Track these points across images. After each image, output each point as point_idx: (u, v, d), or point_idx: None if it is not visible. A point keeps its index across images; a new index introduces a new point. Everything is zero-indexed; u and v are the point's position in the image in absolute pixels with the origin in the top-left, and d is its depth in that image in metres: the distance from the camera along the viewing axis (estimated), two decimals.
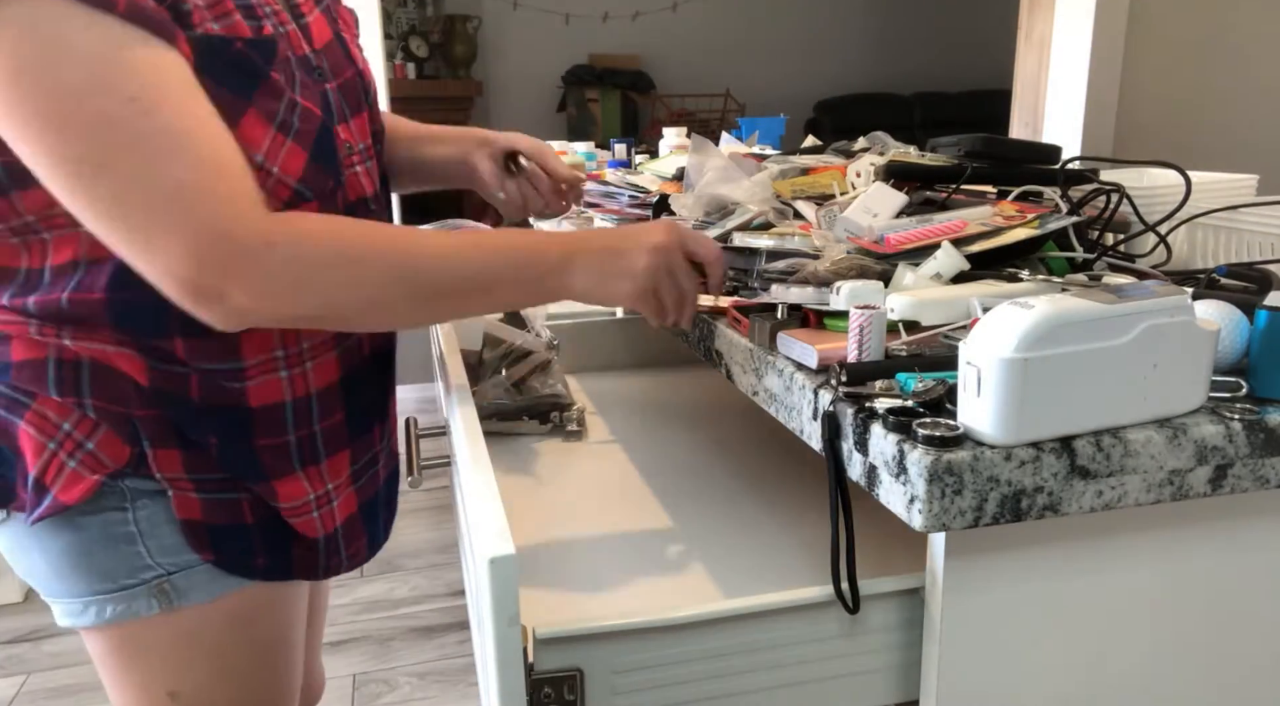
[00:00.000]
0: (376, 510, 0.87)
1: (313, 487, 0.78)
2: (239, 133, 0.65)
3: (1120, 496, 0.58)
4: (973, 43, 6.28)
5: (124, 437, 0.71)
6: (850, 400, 0.62)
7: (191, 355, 0.71)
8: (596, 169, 2.02)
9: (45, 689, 1.86)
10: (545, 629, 0.62)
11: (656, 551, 0.89)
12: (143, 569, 0.74)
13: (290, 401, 0.75)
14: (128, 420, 0.71)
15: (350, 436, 0.81)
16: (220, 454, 0.74)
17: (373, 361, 0.83)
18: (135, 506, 0.73)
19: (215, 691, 0.80)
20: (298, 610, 0.86)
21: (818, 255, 0.81)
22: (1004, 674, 0.64)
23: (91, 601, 0.75)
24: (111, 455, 0.71)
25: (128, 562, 0.73)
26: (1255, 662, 0.69)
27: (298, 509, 0.78)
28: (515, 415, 1.21)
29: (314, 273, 0.64)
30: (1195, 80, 2.63)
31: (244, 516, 0.76)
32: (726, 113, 5.71)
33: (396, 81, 4.80)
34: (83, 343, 0.70)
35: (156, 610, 0.75)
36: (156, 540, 0.73)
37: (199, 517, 0.74)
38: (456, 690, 1.81)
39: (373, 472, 0.86)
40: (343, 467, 0.81)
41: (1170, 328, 0.57)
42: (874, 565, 0.82)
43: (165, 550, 0.74)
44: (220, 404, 0.72)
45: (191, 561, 0.75)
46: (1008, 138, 0.98)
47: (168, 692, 0.78)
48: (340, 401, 0.79)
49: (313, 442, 0.78)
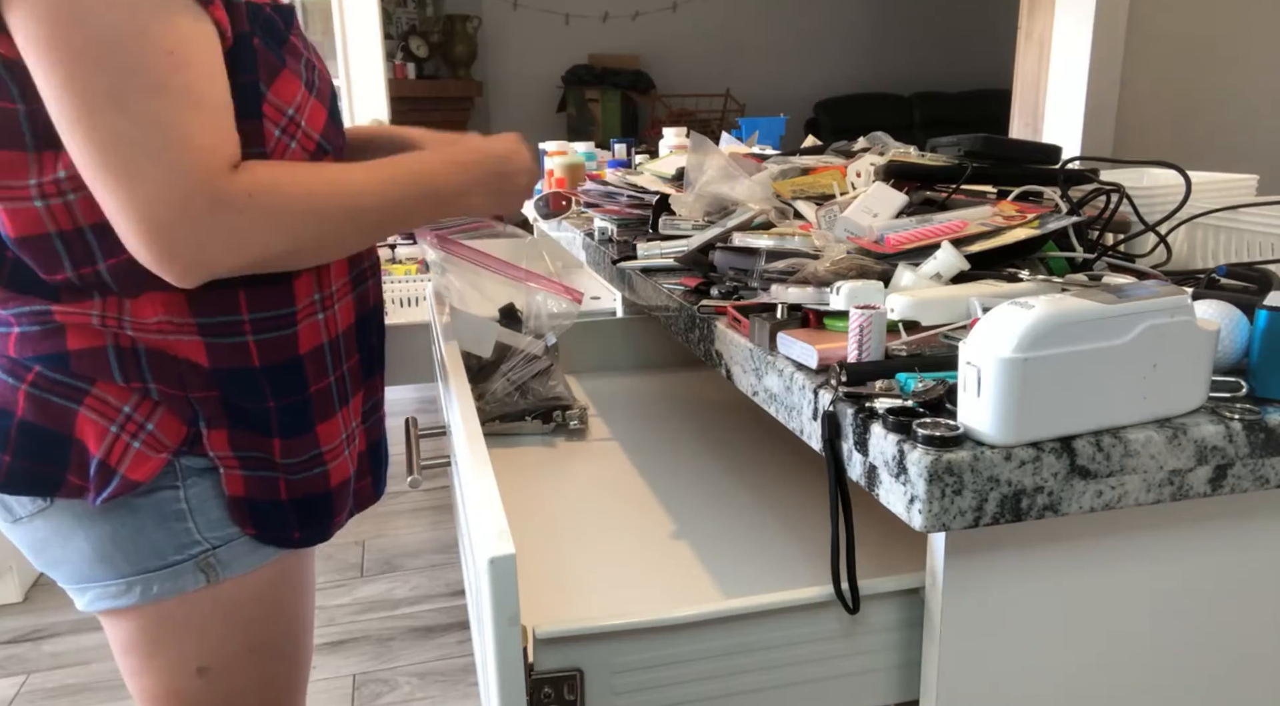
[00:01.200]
0: (382, 455, 0.93)
1: (345, 425, 0.84)
2: (277, 87, 0.72)
3: (1120, 496, 0.58)
4: (973, 43, 6.28)
5: (182, 418, 0.75)
6: (850, 400, 0.62)
7: (253, 304, 0.75)
8: (596, 169, 2.02)
9: (45, 689, 1.86)
10: (545, 629, 0.62)
11: (656, 551, 0.89)
12: (190, 544, 0.77)
13: (327, 343, 0.81)
14: (187, 401, 0.74)
15: (363, 377, 0.88)
16: (279, 415, 0.78)
17: (374, 309, 0.89)
18: (187, 484, 0.76)
19: (243, 665, 0.83)
20: (310, 581, 0.91)
21: (818, 255, 0.81)
22: (1004, 674, 0.64)
23: (136, 580, 0.77)
24: (170, 435, 0.74)
25: (176, 539, 0.76)
26: (1255, 662, 0.69)
27: (335, 449, 0.83)
28: (518, 416, 1.22)
29: (284, 220, 0.68)
30: (1195, 80, 2.63)
31: (279, 492, 0.80)
32: (726, 113, 5.72)
33: (396, 81, 4.80)
34: (140, 330, 0.72)
35: (202, 583, 0.78)
36: (204, 515, 0.77)
37: (242, 494, 0.78)
38: (456, 690, 1.81)
39: (376, 417, 0.92)
40: (358, 407, 0.88)
41: (1170, 327, 0.57)
42: (874, 565, 0.82)
43: (212, 525, 0.77)
44: (278, 361, 0.77)
45: (233, 534, 0.78)
46: (1008, 138, 0.98)
47: (198, 669, 0.81)
48: (355, 343, 0.85)
49: (343, 383, 0.84)
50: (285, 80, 0.72)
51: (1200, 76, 2.63)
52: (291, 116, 0.73)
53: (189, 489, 0.76)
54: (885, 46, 6.20)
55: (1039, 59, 2.64)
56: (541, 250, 1.23)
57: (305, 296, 0.78)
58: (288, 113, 0.73)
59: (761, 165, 1.13)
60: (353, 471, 0.87)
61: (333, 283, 0.81)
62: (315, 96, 0.76)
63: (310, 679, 1.84)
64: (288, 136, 0.73)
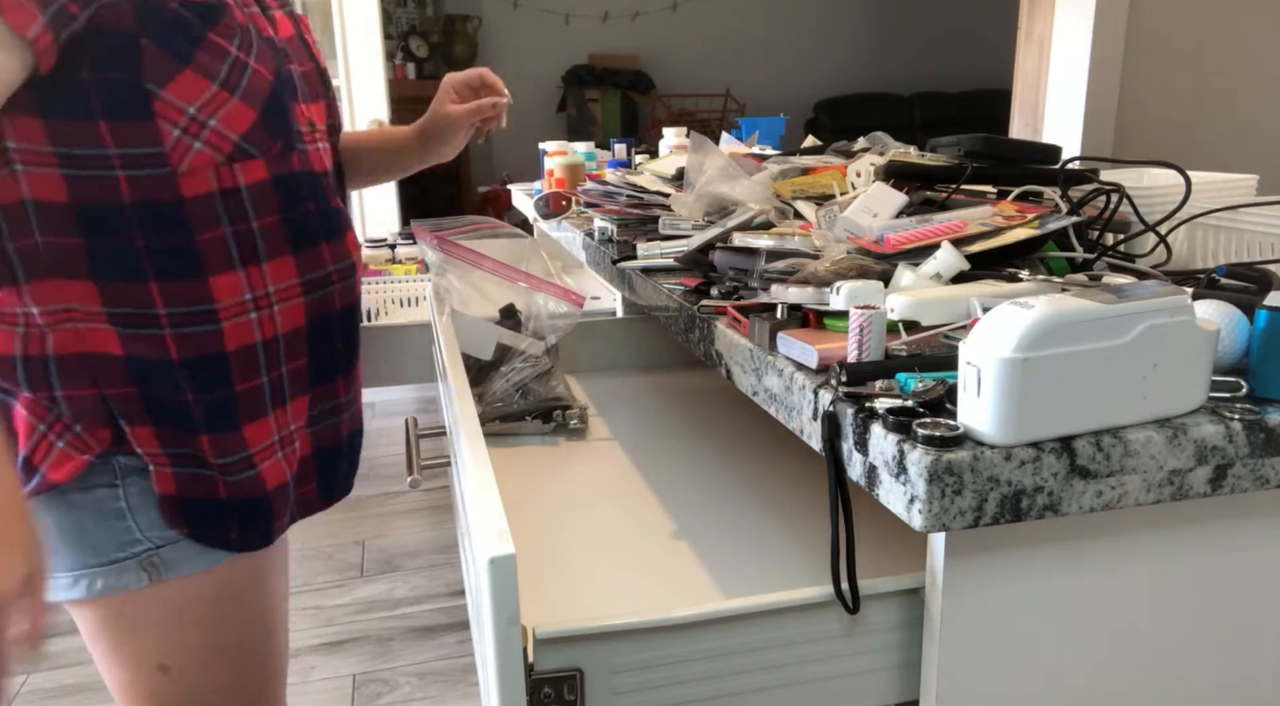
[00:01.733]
0: (337, 460, 0.92)
1: (278, 428, 0.83)
2: (174, 85, 0.70)
3: (1120, 496, 0.58)
4: (973, 43, 6.28)
5: (100, 419, 0.74)
6: (850, 400, 0.62)
7: (167, 297, 0.74)
8: (596, 169, 2.02)
9: (45, 689, 1.86)
10: (545, 629, 0.62)
11: (656, 551, 0.89)
12: (132, 543, 0.77)
13: (260, 342, 0.80)
14: (102, 400, 0.74)
15: (312, 381, 0.86)
16: (197, 408, 0.77)
17: (342, 313, 0.88)
18: (126, 483, 0.76)
19: (207, 665, 0.83)
20: (280, 583, 0.89)
21: (818, 255, 0.81)
22: (1004, 674, 0.64)
23: (82, 574, 0.77)
24: (95, 437, 0.75)
25: (117, 537, 0.77)
26: (1255, 662, 0.69)
27: (264, 451, 0.82)
28: (518, 417, 1.22)
29: None
30: (1195, 80, 2.63)
31: (217, 492, 0.79)
32: (726, 113, 5.72)
33: (396, 81, 4.80)
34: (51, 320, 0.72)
35: (145, 582, 0.78)
36: (145, 515, 0.77)
37: (174, 492, 0.77)
38: (456, 690, 1.81)
39: (334, 422, 0.90)
40: (303, 411, 0.86)
41: (1170, 328, 0.57)
42: (874, 565, 0.82)
43: (154, 524, 0.77)
44: (198, 355, 0.76)
45: (179, 534, 0.79)
46: (1008, 138, 0.98)
47: (159, 665, 0.81)
48: (304, 346, 0.84)
49: (279, 385, 0.82)
50: (187, 78, 0.71)
51: (1200, 76, 2.63)
52: (193, 116, 0.72)
53: (128, 487, 0.76)
54: (885, 46, 6.20)
55: (1039, 59, 2.64)
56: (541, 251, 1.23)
57: (230, 295, 0.77)
58: (188, 112, 0.71)
59: (761, 165, 1.13)
60: (290, 476, 0.85)
61: (269, 284, 0.80)
62: (239, 97, 0.74)
63: (310, 679, 1.84)
64: (190, 137, 0.72)
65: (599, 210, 1.35)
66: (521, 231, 1.14)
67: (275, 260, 0.79)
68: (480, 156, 5.58)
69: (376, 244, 3.04)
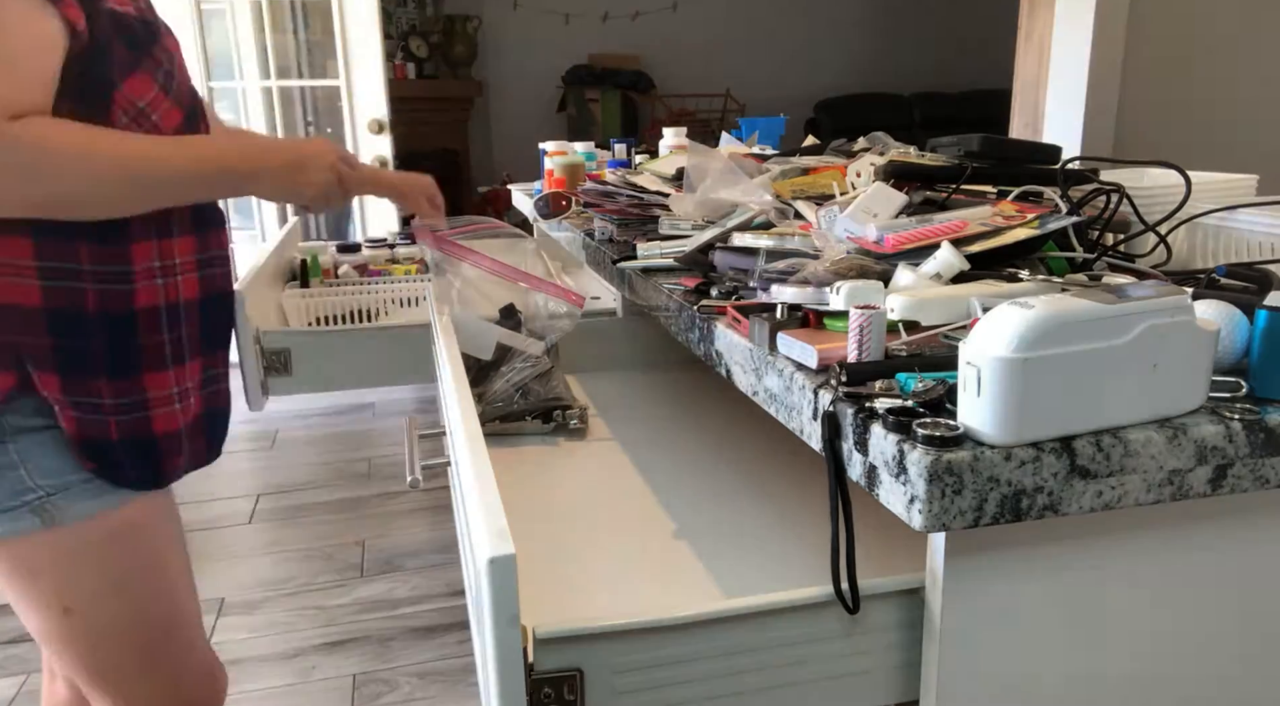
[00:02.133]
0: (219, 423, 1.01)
1: (176, 382, 0.93)
2: (130, 83, 0.83)
3: (1120, 496, 0.58)
4: (973, 43, 6.28)
5: (8, 365, 0.82)
6: (850, 400, 0.62)
7: (93, 258, 0.84)
8: (596, 169, 2.02)
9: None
10: (545, 629, 0.62)
11: (656, 551, 0.89)
12: (24, 491, 0.84)
13: (164, 305, 0.90)
14: (12, 348, 0.82)
15: (203, 349, 0.97)
16: (105, 355, 0.86)
17: (222, 297, 0.99)
18: (16, 440, 0.83)
19: (107, 605, 0.91)
20: (172, 530, 0.98)
21: (818, 255, 0.81)
22: (1004, 674, 0.64)
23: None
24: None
25: (10, 486, 0.84)
26: (1255, 661, 0.69)
27: (163, 399, 0.91)
28: (518, 417, 1.22)
29: (44, 170, 0.76)
30: (1195, 80, 2.63)
31: (110, 433, 0.87)
32: (726, 113, 5.72)
33: (396, 81, 4.80)
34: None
35: (39, 527, 0.85)
36: (35, 463, 0.84)
37: (75, 432, 0.85)
38: (456, 690, 1.81)
39: (215, 390, 1.00)
40: (196, 373, 0.96)
41: (1170, 328, 0.57)
42: (874, 565, 0.82)
43: (45, 472, 0.85)
44: (112, 310, 0.86)
45: (69, 482, 0.86)
46: (1008, 138, 0.98)
47: (63, 608, 0.89)
48: (197, 316, 0.95)
49: (179, 345, 0.92)
50: (139, 78, 0.84)
51: (1200, 77, 2.63)
52: (142, 109, 0.84)
53: (18, 442, 0.83)
54: (885, 46, 6.20)
55: (1039, 59, 2.64)
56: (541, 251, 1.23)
57: (144, 261, 0.87)
58: (139, 105, 0.84)
59: (762, 166, 1.13)
60: (182, 425, 0.94)
61: (176, 257, 0.91)
62: (171, 100, 0.87)
63: (310, 679, 1.84)
64: (135, 125, 0.84)
65: (599, 210, 1.35)
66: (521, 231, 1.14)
67: (182, 237, 0.91)
68: (480, 156, 5.58)
69: (376, 244, 3.03)
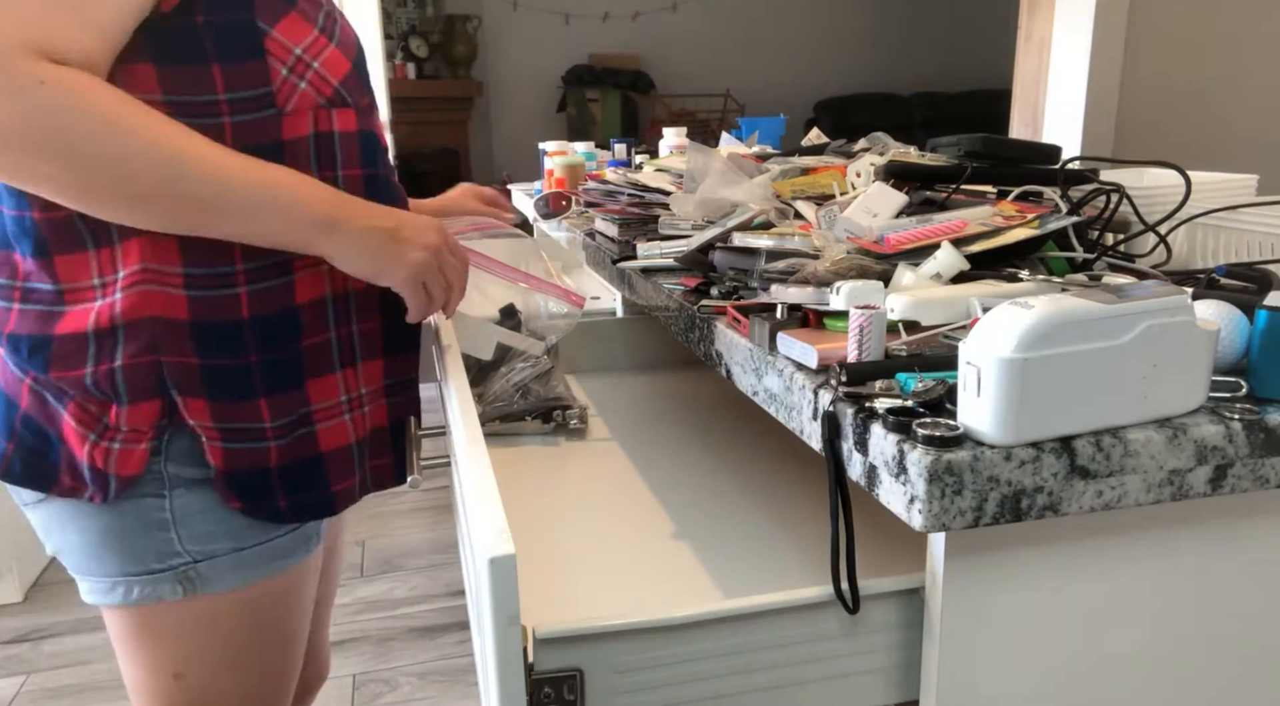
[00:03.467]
0: (407, 440, 0.88)
1: (347, 388, 0.81)
2: (282, 25, 0.72)
3: (1120, 496, 0.58)
4: (973, 43, 6.28)
5: (153, 390, 0.72)
6: (850, 400, 0.62)
7: (247, 254, 0.73)
8: (596, 169, 2.02)
9: (45, 689, 1.86)
10: (545, 629, 0.62)
11: (656, 551, 0.89)
12: (172, 555, 0.77)
13: (330, 295, 0.78)
14: (157, 367, 0.72)
15: (385, 347, 0.84)
16: (260, 370, 0.75)
17: None
18: (173, 495, 0.76)
19: (219, 676, 0.83)
20: (307, 600, 0.88)
21: (818, 255, 0.81)
22: (1004, 674, 0.64)
23: (119, 581, 0.78)
24: (142, 420, 0.73)
25: (158, 548, 0.77)
26: (1255, 662, 0.69)
27: (330, 410, 0.80)
28: (518, 416, 1.22)
29: (59, 131, 0.61)
30: (1195, 80, 2.63)
31: (268, 460, 0.77)
32: (726, 113, 5.72)
33: (396, 81, 4.80)
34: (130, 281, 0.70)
35: (180, 595, 0.78)
36: (188, 528, 0.77)
37: (223, 466, 0.76)
38: (456, 690, 1.81)
39: (407, 398, 0.87)
40: (377, 376, 0.83)
41: (1170, 328, 0.57)
42: (874, 565, 0.82)
43: (195, 538, 0.77)
44: (269, 311, 0.75)
45: (218, 550, 0.78)
46: (1008, 138, 0.98)
47: (174, 674, 0.82)
48: (377, 308, 0.82)
49: (351, 342, 0.80)
50: (294, 21, 0.73)
51: (1200, 76, 2.63)
52: (299, 55, 0.73)
53: (175, 499, 0.76)
54: (885, 46, 6.20)
55: (1039, 59, 2.64)
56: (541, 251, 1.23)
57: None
58: (295, 51, 0.73)
59: (762, 166, 1.13)
60: (354, 441, 0.82)
61: None
62: (336, 45, 0.76)
63: None
64: (296, 76, 0.73)
65: (599, 210, 1.35)
66: (521, 231, 1.14)
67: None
68: (480, 156, 5.58)
69: None
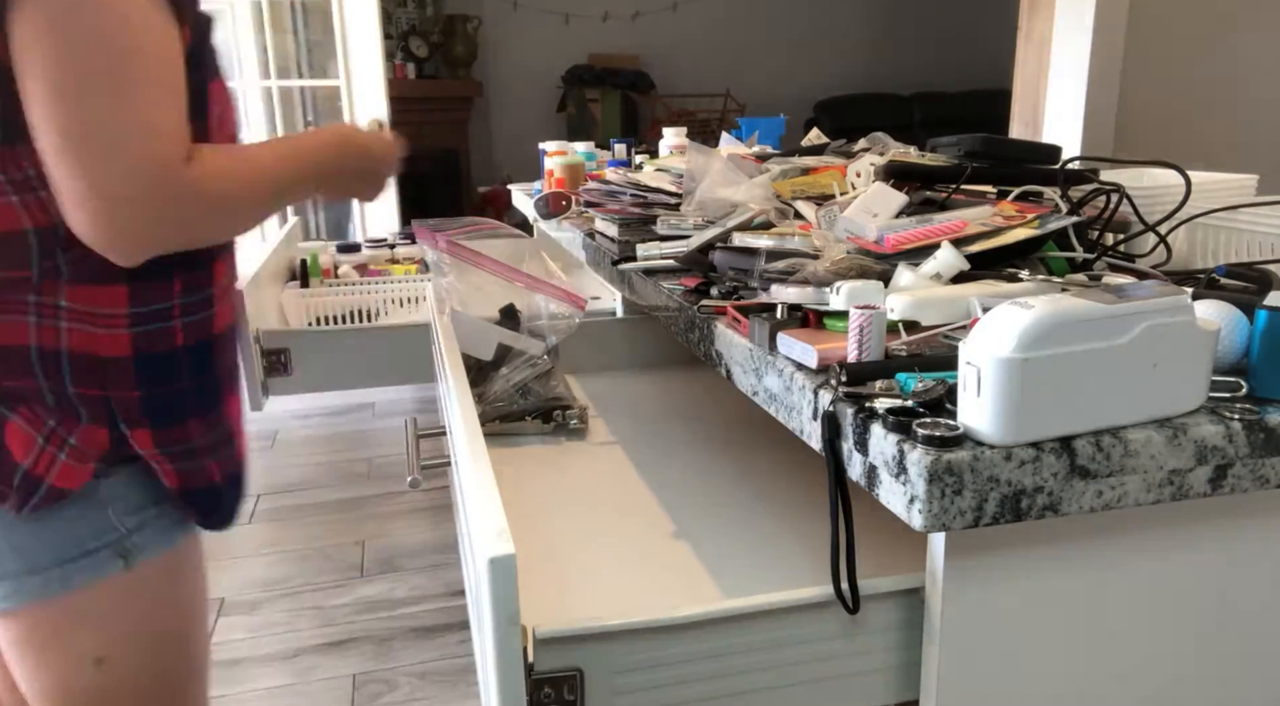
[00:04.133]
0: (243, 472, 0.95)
1: (240, 406, 0.90)
2: (212, 89, 0.80)
3: (1120, 496, 0.58)
4: (973, 43, 6.28)
5: (102, 422, 0.77)
6: (850, 400, 0.62)
7: (184, 290, 0.80)
8: (596, 169, 2.02)
9: None
10: (545, 629, 0.62)
11: (656, 551, 0.89)
12: (108, 530, 0.79)
13: (230, 325, 0.88)
14: (105, 402, 0.77)
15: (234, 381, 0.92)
16: (193, 391, 0.82)
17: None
18: (111, 473, 0.79)
19: (140, 653, 0.84)
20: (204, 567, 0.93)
21: (818, 255, 0.81)
22: (1004, 674, 0.64)
23: (55, 572, 0.77)
24: (93, 445, 0.77)
25: (94, 527, 0.78)
26: (1255, 662, 0.69)
27: (240, 427, 0.88)
28: (518, 417, 1.22)
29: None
30: (1195, 80, 2.63)
31: (213, 476, 0.84)
32: (726, 113, 5.71)
33: (396, 81, 4.80)
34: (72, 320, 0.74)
35: (120, 569, 0.80)
36: (121, 501, 0.79)
37: (177, 485, 0.81)
38: (456, 690, 1.81)
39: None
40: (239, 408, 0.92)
41: (1170, 328, 0.57)
42: (874, 565, 0.82)
43: (129, 510, 0.80)
44: (197, 339, 0.82)
45: (146, 517, 0.81)
46: (1008, 138, 0.98)
47: (95, 659, 0.81)
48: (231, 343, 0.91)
49: (236, 368, 0.89)
50: (219, 84, 0.81)
51: (1200, 77, 2.63)
52: (219, 116, 0.81)
53: (111, 477, 0.79)
54: (885, 46, 6.20)
55: (1039, 59, 2.64)
56: (541, 251, 1.23)
57: (222, 278, 0.85)
58: (216, 113, 0.80)
59: (762, 166, 1.13)
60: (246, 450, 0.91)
61: (226, 277, 0.88)
62: (232, 107, 0.85)
63: (310, 679, 1.84)
64: (220, 135, 0.81)
65: (599, 210, 1.35)
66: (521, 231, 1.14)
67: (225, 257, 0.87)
68: (480, 156, 5.58)
69: (376, 244, 3.03)
